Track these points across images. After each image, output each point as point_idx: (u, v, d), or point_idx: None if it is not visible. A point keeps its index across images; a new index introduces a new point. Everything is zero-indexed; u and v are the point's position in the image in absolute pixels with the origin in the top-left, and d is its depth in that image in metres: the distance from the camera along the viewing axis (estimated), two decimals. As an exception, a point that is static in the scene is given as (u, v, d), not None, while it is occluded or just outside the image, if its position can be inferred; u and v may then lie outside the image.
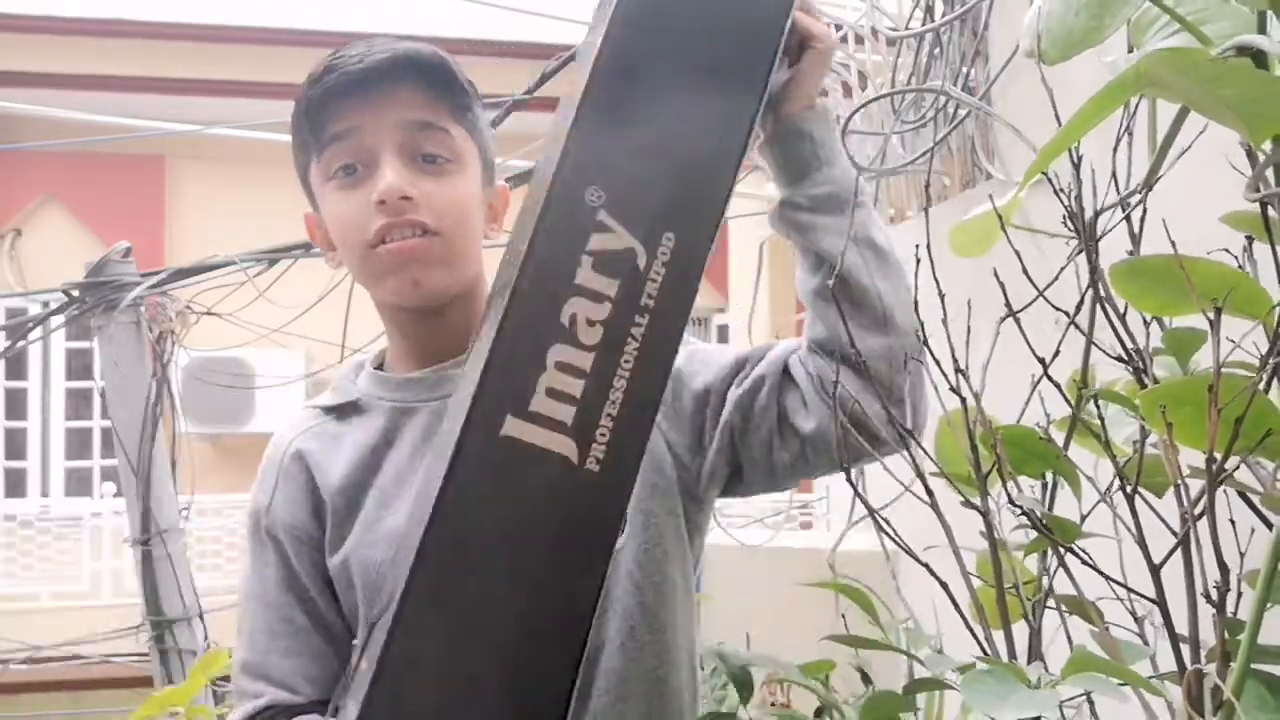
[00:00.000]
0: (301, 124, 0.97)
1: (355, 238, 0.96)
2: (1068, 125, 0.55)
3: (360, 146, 0.94)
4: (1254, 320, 0.61)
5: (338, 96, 0.94)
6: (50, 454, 7.30)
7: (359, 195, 0.95)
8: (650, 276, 0.82)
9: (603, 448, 0.81)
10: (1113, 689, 0.56)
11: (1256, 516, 0.65)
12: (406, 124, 0.95)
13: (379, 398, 1.01)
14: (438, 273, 0.96)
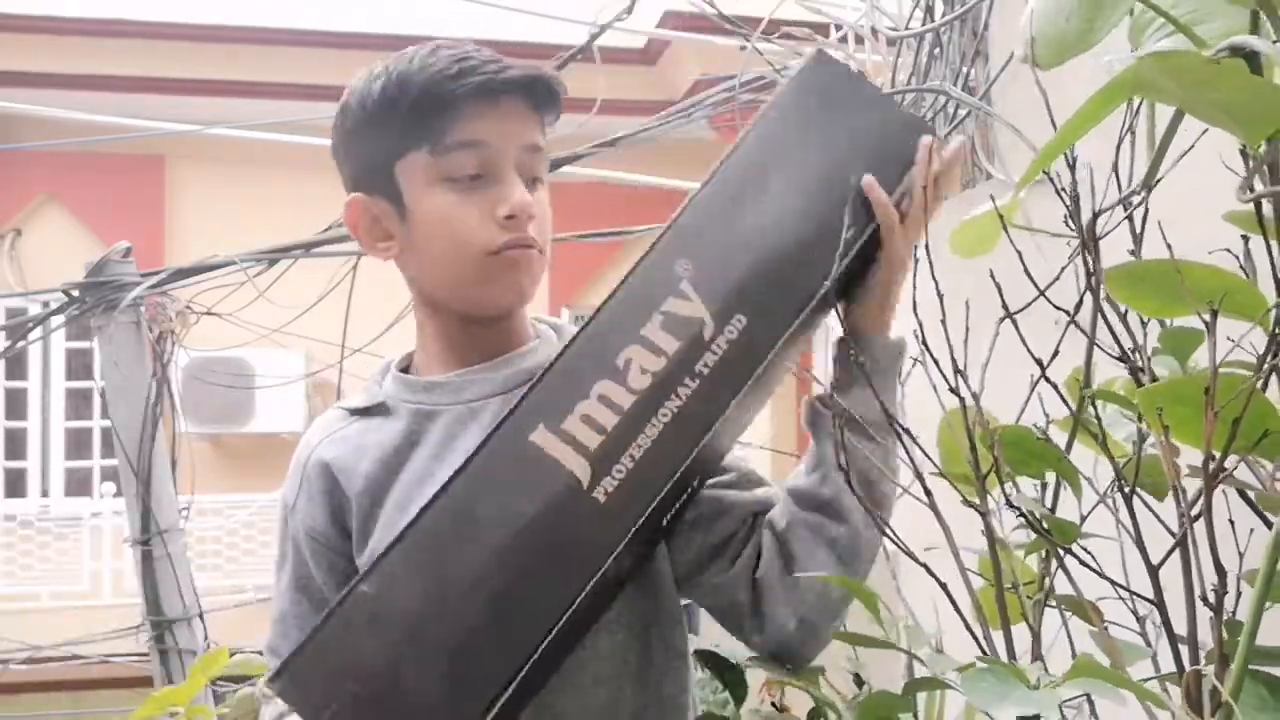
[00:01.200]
0: (418, 114, 0.96)
1: (474, 244, 0.97)
2: (1065, 127, 0.55)
3: (488, 158, 0.97)
4: (1250, 321, 0.61)
5: (474, 100, 0.96)
6: (50, 454, 7.30)
7: (480, 203, 0.97)
8: (711, 348, 0.88)
9: (614, 482, 0.85)
10: (1112, 692, 0.56)
11: (1256, 516, 0.65)
12: (526, 147, 0.99)
13: (403, 400, 1.03)
14: (535, 285, 1.01)
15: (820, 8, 2.36)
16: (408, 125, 0.97)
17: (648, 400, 0.86)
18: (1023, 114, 1.55)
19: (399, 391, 1.03)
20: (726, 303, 0.89)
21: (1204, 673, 0.57)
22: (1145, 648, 0.70)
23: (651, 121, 2.93)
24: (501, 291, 0.99)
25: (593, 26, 2.60)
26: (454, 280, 1.00)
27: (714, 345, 0.88)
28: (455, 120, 0.96)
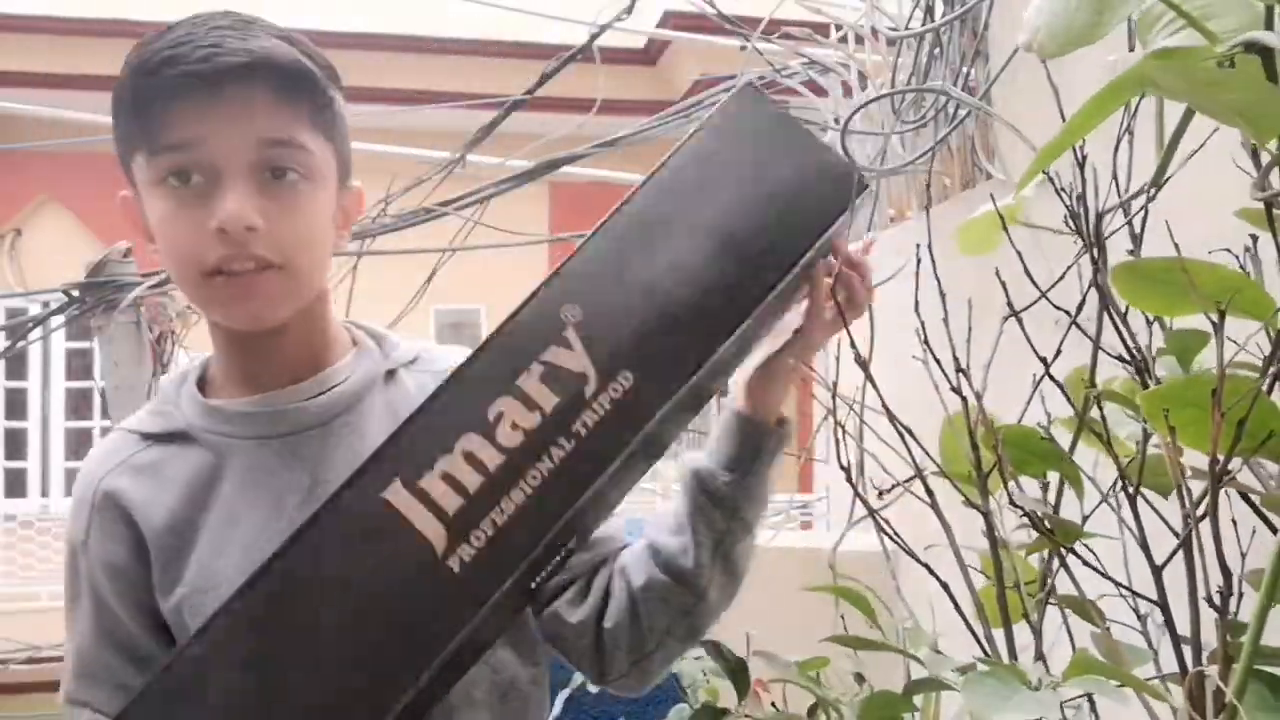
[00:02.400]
0: (129, 112, 0.86)
1: (188, 260, 0.86)
2: (1067, 125, 0.54)
3: (202, 159, 0.84)
4: (1257, 322, 0.61)
5: (179, 97, 0.83)
6: (50, 454, 7.30)
7: (195, 214, 0.84)
8: (593, 406, 0.81)
9: (472, 551, 0.78)
10: (1113, 691, 0.56)
11: (1258, 518, 0.64)
12: (257, 142, 0.85)
13: (205, 429, 0.92)
14: (277, 305, 0.88)
15: (820, 8, 2.35)
16: (129, 123, 0.87)
17: (516, 460, 0.79)
18: (1023, 114, 1.54)
19: (200, 419, 0.93)
20: (614, 357, 0.81)
21: (1207, 673, 0.57)
22: (1147, 649, 0.70)
23: (651, 121, 2.92)
24: (232, 315, 0.88)
25: (593, 26, 2.59)
26: (189, 298, 0.90)
27: (596, 403, 0.80)
28: (166, 119, 0.84)
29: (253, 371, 0.93)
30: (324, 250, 0.93)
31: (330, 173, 0.91)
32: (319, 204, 0.90)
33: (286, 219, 0.86)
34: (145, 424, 0.95)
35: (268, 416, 0.92)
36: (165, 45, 0.85)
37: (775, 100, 0.90)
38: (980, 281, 0.84)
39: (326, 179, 0.91)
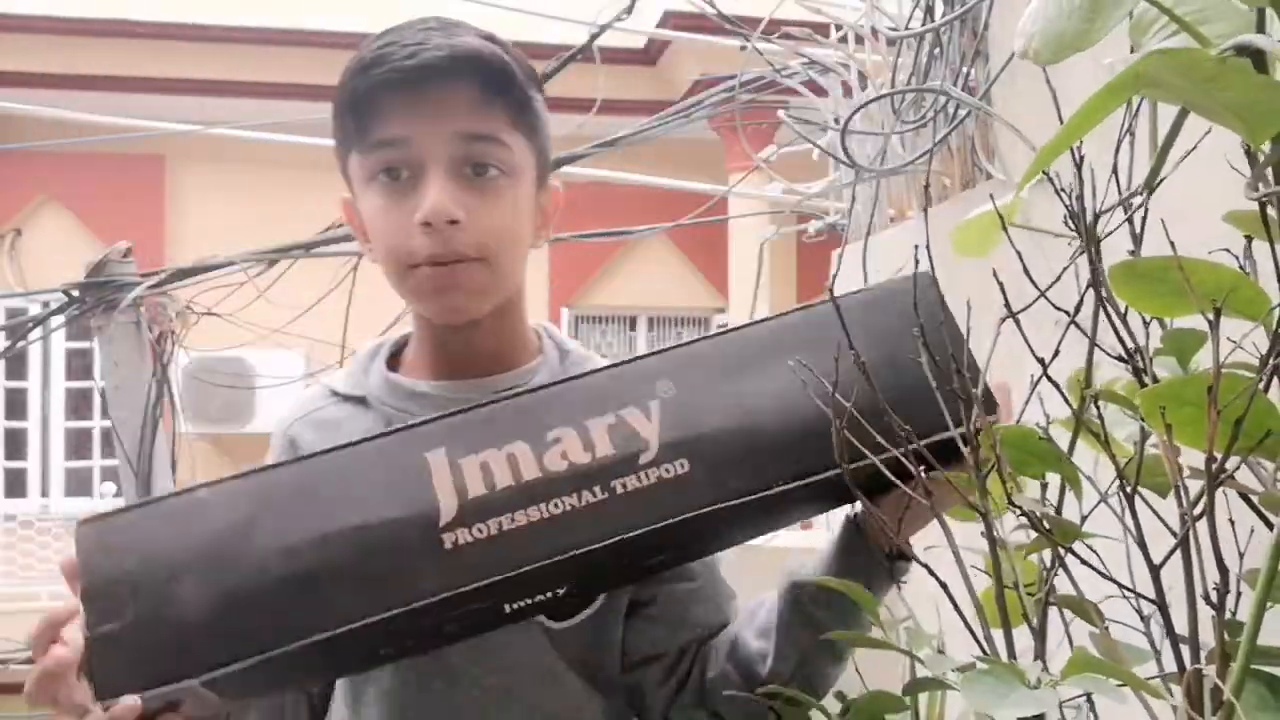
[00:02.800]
0: (344, 113, 0.91)
1: (396, 252, 0.90)
2: (1066, 126, 0.55)
3: (409, 155, 0.89)
4: (1253, 321, 0.61)
5: (386, 95, 0.88)
6: (50, 454, 7.30)
7: (403, 207, 0.89)
8: (640, 474, 0.81)
9: (469, 538, 0.79)
10: (1112, 690, 0.56)
11: (1257, 516, 0.65)
12: (458, 136, 0.89)
13: (383, 401, 0.98)
14: (477, 299, 0.92)
15: (820, 8, 2.36)
16: (345, 124, 0.92)
17: (550, 484, 0.81)
18: (1023, 114, 1.55)
19: (383, 391, 0.99)
20: (680, 442, 0.82)
21: (1205, 672, 0.57)
22: (1147, 649, 0.70)
23: (651, 121, 2.93)
24: (435, 309, 0.93)
25: (593, 26, 2.60)
26: (397, 289, 0.94)
27: (644, 473, 0.81)
28: (376, 118, 0.89)
29: (443, 360, 0.98)
30: (522, 247, 0.96)
31: (529, 170, 0.94)
32: (518, 200, 0.93)
33: (487, 213, 0.90)
34: (338, 382, 1.02)
35: (442, 400, 0.95)
36: (375, 47, 0.89)
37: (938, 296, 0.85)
38: (979, 282, 0.84)
39: (526, 176, 0.94)
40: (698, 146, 5.82)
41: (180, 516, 0.80)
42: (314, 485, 0.82)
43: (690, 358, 0.86)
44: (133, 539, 0.79)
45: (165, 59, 6.68)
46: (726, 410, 0.84)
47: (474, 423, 0.83)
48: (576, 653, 0.96)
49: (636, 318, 8.09)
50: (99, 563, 0.79)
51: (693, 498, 0.82)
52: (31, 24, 6.47)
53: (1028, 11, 0.56)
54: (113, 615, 0.77)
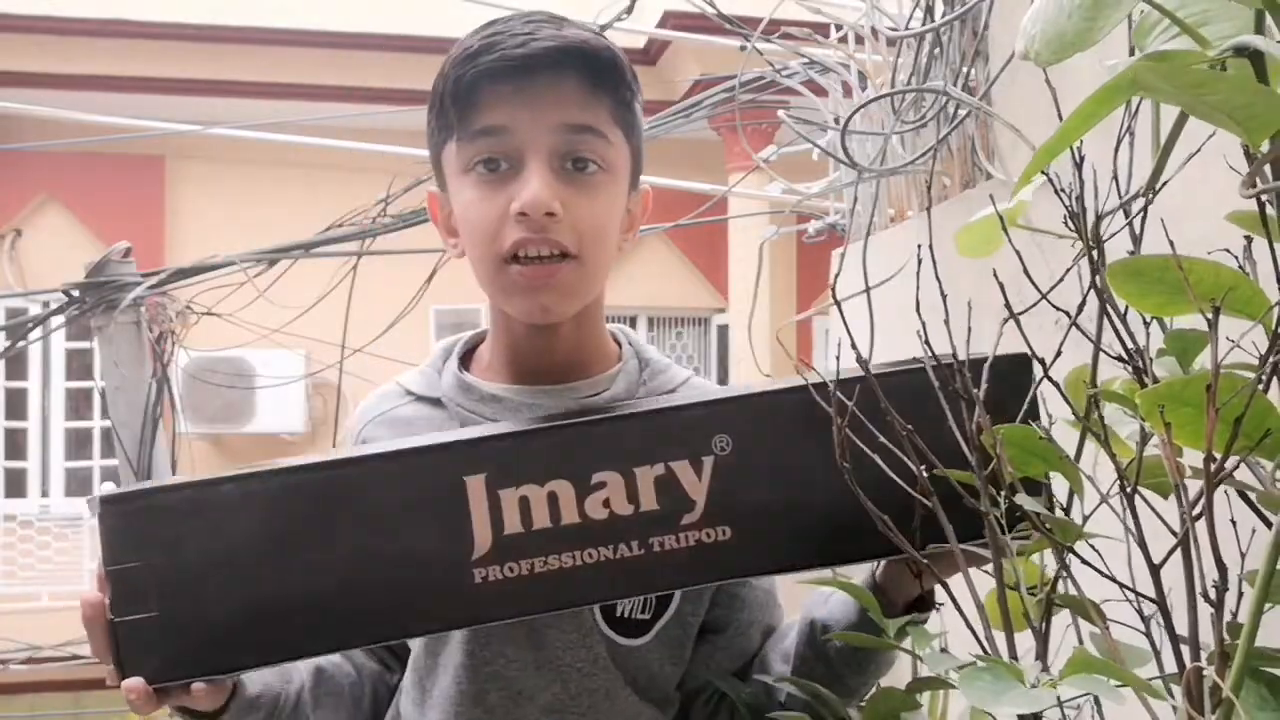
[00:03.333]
0: (444, 102, 0.90)
1: (488, 244, 0.89)
2: (1063, 127, 0.55)
3: (508, 145, 0.87)
4: (1252, 320, 0.61)
5: (492, 84, 0.86)
6: (50, 454, 7.30)
7: (499, 197, 0.87)
8: (679, 534, 0.80)
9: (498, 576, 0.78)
10: (1111, 691, 0.56)
11: (1256, 516, 0.65)
12: (561, 127, 0.87)
13: (455, 401, 0.97)
14: (567, 299, 0.90)
15: (820, 8, 2.36)
16: (444, 113, 0.90)
17: (587, 534, 0.79)
18: (1023, 114, 1.55)
19: (455, 393, 0.97)
20: (727, 508, 0.80)
21: (1205, 671, 0.57)
22: (1147, 650, 0.70)
23: (651, 121, 2.93)
24: (522, 307, 0.91)
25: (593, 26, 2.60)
26: (484, 285, 0.92)
27: (685, 534, 0.79)
28: (479, 105, 0.87)
29: (520, 362, 0.97)
30: (612, 247, 0.94)
31: (625, 169, 0.94)
32: (614, 198, 0.92)
33: (584, 208, 0.88)
34: (412, 381, 1.01)
35: (514, 405, 0.95)
36: (483, 36, 0.88)
37: None
38: (980, 282, 0.84)
39: (622, 175, 0.93)
40: (698, 146, 5.82)
41: (205, 512, 0.79)
42: (349, 496, 0.79)
43: (754, 413, 0.82)
44: (159, 531, 0.78)
45: (165, 59, 6.68)
46: (779, 481, 0.81)
47: (520, 451, 0.81)
48: (637, 670, 0.96)
49: (636, 317, 8.08)
50: (123, 551, 0.78)
51: (728, 565, 0.81)
52: (31, 24, 6.47)
53: (1029, 12, 0.56)
54: (136, 606, 0.77)
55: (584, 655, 0.93)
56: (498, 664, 0.93)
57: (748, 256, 6.13)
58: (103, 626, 0.77)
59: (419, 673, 0.97)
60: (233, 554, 0.78)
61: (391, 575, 0.79)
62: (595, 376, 0.97)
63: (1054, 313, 0.75)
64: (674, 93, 5.50)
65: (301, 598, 0.78)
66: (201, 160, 7.15)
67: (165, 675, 0.78)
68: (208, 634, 0.78)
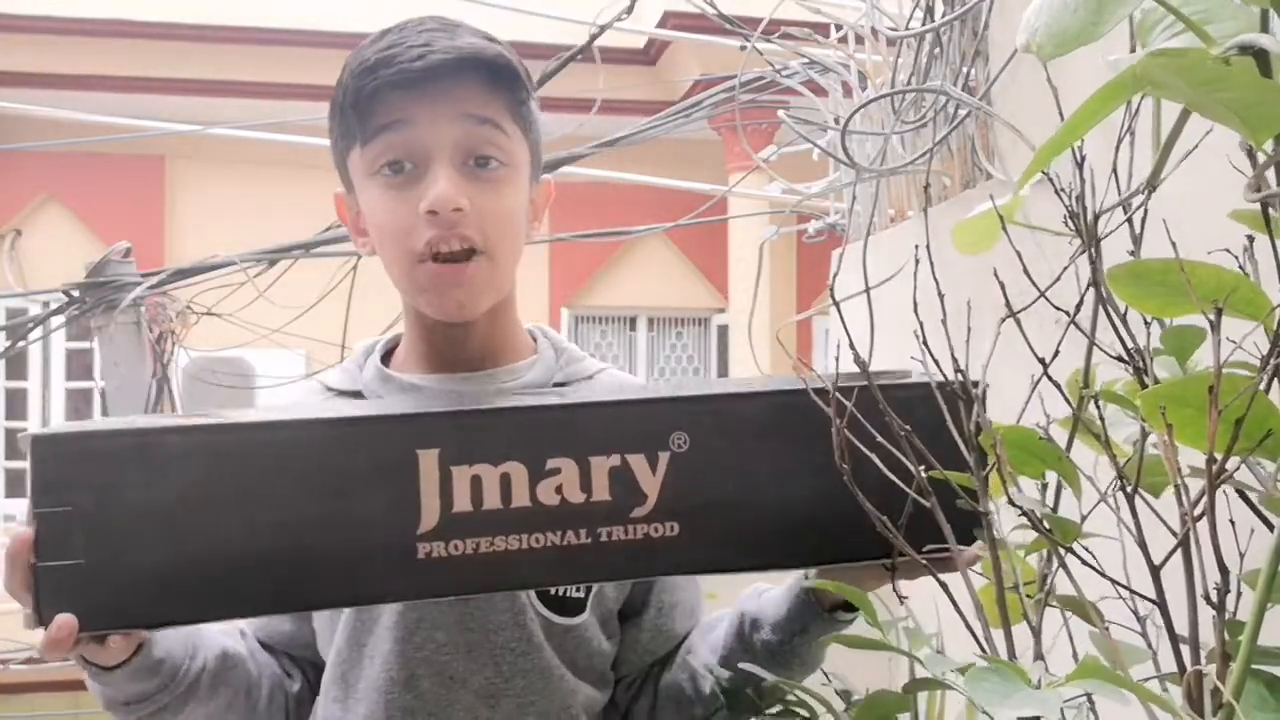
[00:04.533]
0: (346, 112, 0.92)
1: (400, 245, 0.91)
2: (1066, 125, 0.55)
3: (412, 142, 0.90)
4: (1253, 321, 0.61)
5: (391, 91, 0.89)
6: (50, 454, 7.30)
7: (407, 199, 0.90)
8: (628, 526, 0.80)
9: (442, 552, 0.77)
10: (1116, 694, 0.56)
11: (1256, 517, 0.65)
12: (463, 117, 0.90)
13: (376, 394, 0.99)
14: (480, 295, 0.93)
15: (820, 8, 2.36)
16: (346, 120, 0.93)
17: (536, 518, 0.78)
18: (1023, 114, 1.55)
19: (376, 385, 0.99)
20: (676, 504, 0.80)
21: (1205, 672, 0.57)
22: (1145, 649, 0.70)
23: (651, 121, 2.93)
24: (438, 305, 0.93)
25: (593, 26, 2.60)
26: (398, 283, 0.95)
27: (633, 527, 0.79)
28: (379, 108, 0.90)
29: (436, 355, 0.99)
30: (520, 240, 0.97)
31: (525, 164, 0.97)
32: (518, 191, 0.95)
33: (490, 203, 0.91)
34: (332, 378, 1.03)
35: (432, 393, 0.97)
36: (380, 48, 0.91)
37: None
38: (979, 282, 0.84)
39: (523, 169, 0.96)
40: (698, 146, 5.83)
41: (146, 462, 0.75)
42: (299, 456, 0.78)
43: (713, 414, 0.82)
44: (93, 476, 0.75)
45: (165, 59, 6.68)
46: (732, 482, 0.81)
47: (477, 429, 0.80)
48: (574, 649, 0.97)
49: (636, 317, 8.08)
50: (53, 493, 0.74)
51: (674, 561, 0.81)
52: (31, 24, 6.47)
53: (1031, 6, 0.56)
54: (62, 551, 0.74)
55: (517, 635, 0.94)
56: (428, 649, 0.93)
57: (748, 256, 6.13)
58: (25, 566, 0.74)
59: (341, 666, 0.96)
60: (170, 506, 0.75)
61: (334, 542, 0.77)
62: (510, 365, 1.00)
63: (1053, 312, 0.74)
64: (674, 93, 5.51)
65: (239, 556, 0.76)
66: (201, 160, 7.16)
67: (84, 625, 0.75)
68: (133, 586, 0.75)
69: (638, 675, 1.03)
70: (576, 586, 0.95)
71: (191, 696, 0.89)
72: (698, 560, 0.82)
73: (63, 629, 0.74)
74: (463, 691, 0.93)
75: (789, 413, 0.82)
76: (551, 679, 0.95)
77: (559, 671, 0.95)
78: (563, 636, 0.96)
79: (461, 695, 0.93)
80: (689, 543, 0.81)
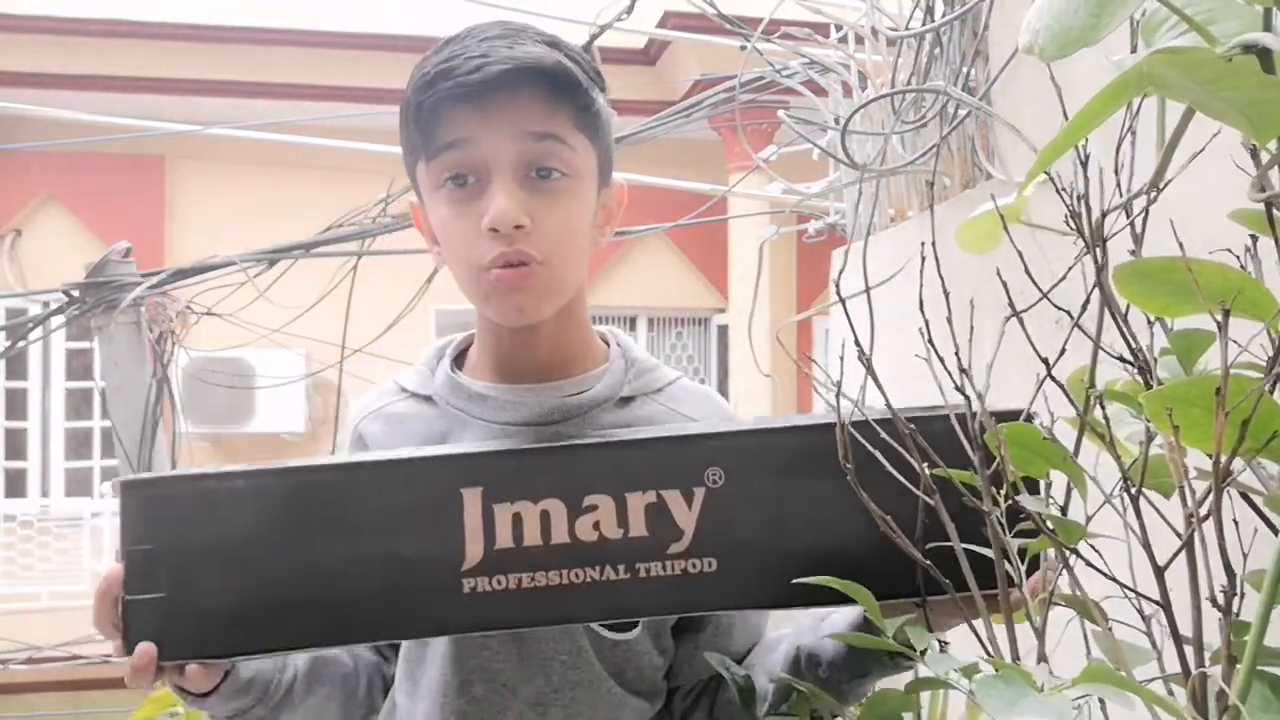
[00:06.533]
0: (410, 127, 0.94)
1: (464, 258, 0.92)
2: (1069, 125, 0.54)
3: (473, 158, 0.91)
4: (1258, 322, 0.61)
5: (452, 106, 0.90)
6: (50, 454, 7.30)
7: (470, 212, 0.91)
8: (665, 562, 0.82)
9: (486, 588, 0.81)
10: (1121, 697, 0.56)
11: (1260, 518, 0.64)
12: (523, 135, 0.90)
13: (446, 399, 1.00)
14: (543, 301, 0.94)
15: (820, 8, 2.35)
16: (412, 134, 0.94)
17: (576, 554, 0.82)
18: (1023, 114, 1.54)
19: (446, 391, 1.01)
20: (714, 540, 0.82)
21: (1210, 674, 0.57)
22: (1149, 650, 0.70)
23: (651, 121, 2.92)
24: (501, 311, 0.94)
25: (593, 26, 2.59)
26: (465, 292, 0.96)
27: (671, 563, 0.82)
28: (440, 125, 0.91)
29: (504, 361, 1.00)
30: (584, 248, 0.97)
31: (592, 171, 0.96)
32: (582, 202, 0.95)
33: (552, 216, 0.91)
34: (407, 379, 1.05)
35: (500, 403, 0.98)
36: (440, 59, 0.91)
37: None
38: (982, 281, 0.84)
39: (589, 177, 0.96)
40: (698, 146, 5.82)
41: (218, 504, 0.83)
42: (350, 497, 0.83)
43: (749, 451, 0.85)
44: (173, 517, 0.83)
45: (165, 59, 6.67)
46: (767, 519, 0.83)
47: (517, 468, 0.84)
48: (624, 663, 0.97)
49: (636, 317, 8.08)
50: (139, 533, 0.83)
51: (711, 597, 0.83)
52: (31, 24, 6.46)
53: (1034, 7, 0.55)
54: (148, 586, 0.82)
55: (567, 647, 0.95)
56: (482, 656, 0.95)
57: (748, 256, 6.13)
58: (113, 602, 0.83)
59: (410, 664, 1.00)
60: (239, 545, 0.82)
61: (384, 579, 0.82)
62: (579, 375, 1.00)
63: (1055, 312, 0.74)
64: (674, 93, 5.50)
65: (300, 592, 0.82)
66: (201, 160, 7.15)
67: (166, 655, 0.82)
68: (209, 619, 0.82)
69: (694, 686, 1.03)
70: None
71: (287, 705, 0.95)
72: (737, 596, 0.84)
73: (143, 656, 0.82)
74: (514, 699, 0.95)
75: (823, 448, 0.81)
76: (600, 691, 0.96)
77: (607, 684, 0.96)
78: (612, 650, 0.97)
79: (513, 703, 0.95)
80: (727, 578, 0.83)
